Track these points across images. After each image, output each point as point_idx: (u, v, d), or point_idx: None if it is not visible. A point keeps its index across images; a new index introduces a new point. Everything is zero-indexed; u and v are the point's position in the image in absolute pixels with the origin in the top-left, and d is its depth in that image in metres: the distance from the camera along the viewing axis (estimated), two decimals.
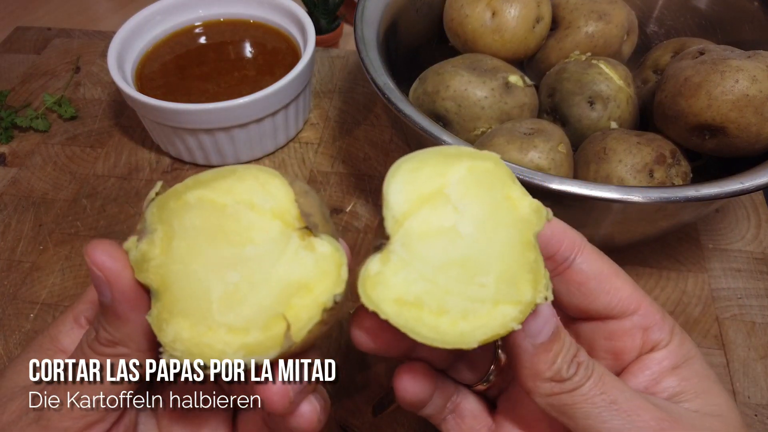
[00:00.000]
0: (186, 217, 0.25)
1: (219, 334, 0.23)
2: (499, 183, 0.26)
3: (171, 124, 0.53)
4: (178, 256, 0.24)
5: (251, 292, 0.24)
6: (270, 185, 0.25)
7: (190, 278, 0.24)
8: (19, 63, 0.71)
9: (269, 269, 0.24)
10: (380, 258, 0.25)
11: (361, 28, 0.49)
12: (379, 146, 0.61)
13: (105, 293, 0.23)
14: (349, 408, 0.42)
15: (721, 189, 0.37)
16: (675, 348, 0.29)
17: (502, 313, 0.24)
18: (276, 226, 0.25)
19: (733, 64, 0.41)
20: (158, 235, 0.24)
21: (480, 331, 0.24)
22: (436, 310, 0.24)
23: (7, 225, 0.54)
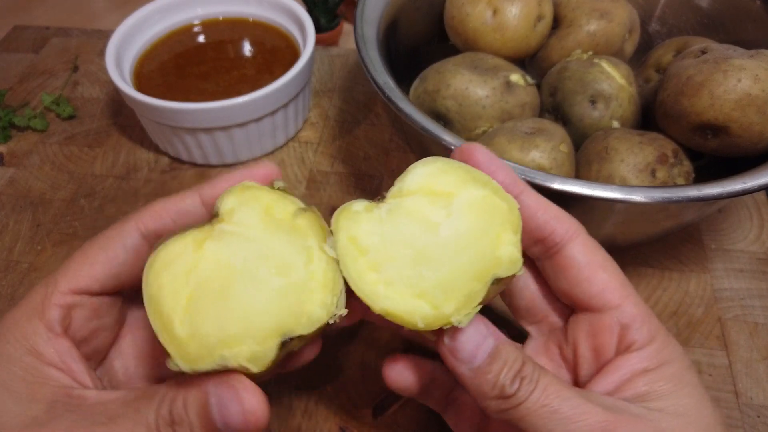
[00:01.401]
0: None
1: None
2: (500, 222, 0.28)
3: (169, 123, 0.53)
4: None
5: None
6: None
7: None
8: (17, 62, 0.70)
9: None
10: (366, 205, 0.29)
11: (361, 27, 0.49)
12: (379, 146, 0.60)
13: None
14: (349, 409, 0.42)
15: (724, 189, 0.37)
16: (652, 351, 0.29)
17: (418, 306, 0.26)
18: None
19: (736, 63, 0.41)
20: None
21: (388, 302, 0.26)
22: (372, 264, 0.27)
23: (5, 225, 0.54)
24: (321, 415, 0.41)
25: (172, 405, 0.26)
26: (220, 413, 0.25)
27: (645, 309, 0.30)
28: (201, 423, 0.25)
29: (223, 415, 0.25)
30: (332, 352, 0.45)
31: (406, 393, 0.34)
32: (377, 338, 0.45)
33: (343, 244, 0.28)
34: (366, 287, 0.27)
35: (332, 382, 0.43)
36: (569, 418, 0.26)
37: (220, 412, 0.25)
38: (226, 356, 0.25)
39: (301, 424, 0.41)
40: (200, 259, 0.26)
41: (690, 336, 0.46)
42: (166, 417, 0.26)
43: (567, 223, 0.30)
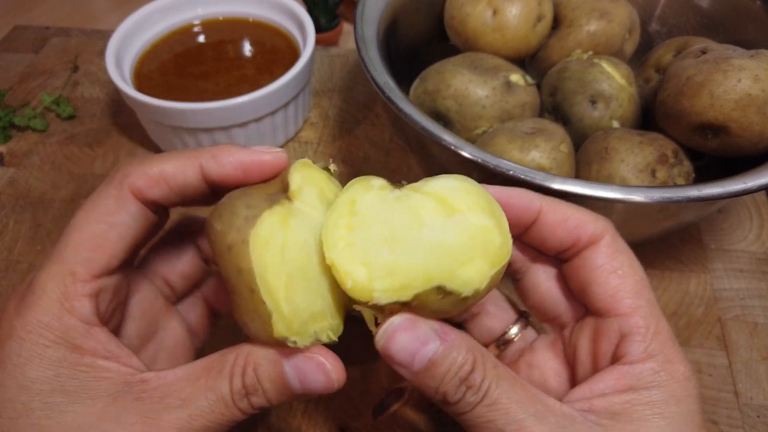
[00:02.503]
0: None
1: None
2: (483, 252, 0.28)
3: (169, 123, 0.53)
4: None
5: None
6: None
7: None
8: (17, 62, 0.70)
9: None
10: (382, 185, 0.30)
11: (361, 27, 0.49)
12: (379, 146, 0.60)
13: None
14: (348, 410, 0.42)
15: (724, 189, 0.37)
16: (644, 370, 0.27)
17: (357, 270, 0.27)
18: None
19: (736, 63, 0.41)
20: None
21: (338, 255, 0.27)
22: (350, 224, 0.28)
23: (5, 225, 0.54)
24: (321, 415, 0.41)
25: (244, 378, 0.26)
26: (300, 380, 0.27)
27: (654, 323, 0.28)
28: (277, 389, 0.27)
29: (304, 382, 0.27)
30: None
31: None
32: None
33: (341, 200, 0.28)
34: (331, 236, 0.27)
35: None
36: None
37: (301, 379, 0.27)
38: (316, 331, 0.28)
39: (301, 424, 0.41)
40: (288, 237, 0.27)
41: (690, 336, 0.46)
42: (241, 390, 0.26)
43: (591, 228, 0.30)
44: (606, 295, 0.29)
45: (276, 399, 0.27)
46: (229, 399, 0.26)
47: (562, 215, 0.30)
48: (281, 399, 0.27)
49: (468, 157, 0.38)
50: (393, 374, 0.43)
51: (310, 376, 0.27)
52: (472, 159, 0.38)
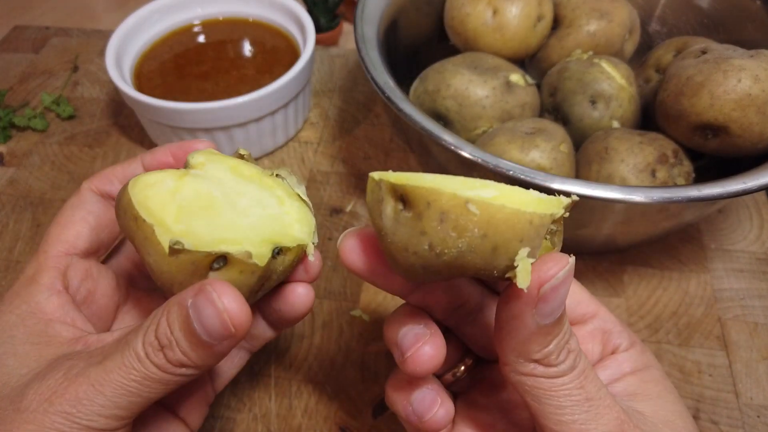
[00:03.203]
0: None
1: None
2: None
3: (169, 123, 0.53)
4: None
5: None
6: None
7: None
8: (17, 62, 0.70)
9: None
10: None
11: (361, 27, 0.49)
12: (379, 145, 0.60)
13: (223, 340, 0.25)
14: (348, 410, 0.42)
15: (724, 189, 0.37)
16: (636, 354, 0.31)
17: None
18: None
19: (736, 63, 0.41)
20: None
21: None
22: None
23: (5, 225, 0.54)
24: (321, 415, 0.41)
25: (157, 329, 0.25)
26: (198, 321, 0.24)
27: (616, 316, 0.32)
28: (186, 338, 0.25)
29: (201, 322, 0.24)
30: (332, 352, 0.45)
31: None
32: (377, 338, 0.45)
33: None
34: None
35: (332, 382, 0.43)
36: (596, 408, 0.25)
37: (198, 320, 0.24)
38: (225, 248, 0.26)
39: (301, 424, 0.41)
40: (182, 186, 0.28)
41: (690, 336, 0.46)
42: (154, 342, 0.25)
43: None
44: (573, 304, 0.32)
45: (191, 352, 0.25)
46: (141, 351, 0.25)
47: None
48: (196, 353, 0.25)
49: (468, 157, 0.38)
50: None
51: (203, 311, 0.24)
52: (472, 159, 0.38)
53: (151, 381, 0.25)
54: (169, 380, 0.25)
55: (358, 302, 0.48)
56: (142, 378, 0.25)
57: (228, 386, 0.42)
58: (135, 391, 0.25)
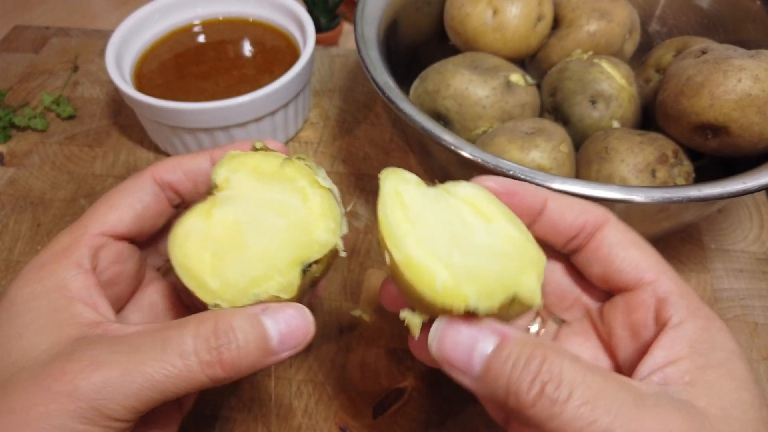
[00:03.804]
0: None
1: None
2: (529, 262, 0.28)
3: (169, 123, 0.53)
4: None
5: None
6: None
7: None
8: (17, 62, 0.70)
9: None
10: (417, 180, 0.29)
11: (362, 27, 0.49)
12: (380, 145, 0.60)
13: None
14: (348, 409, 0.42)
15: (724, 189, 0.37)
16: (693, 330, 0.26)
17: (441, 271, 0.26)
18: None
19: (736, 63, 0.41)
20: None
21: (414, 251, 0.27)
22: (409, 219, 0.28)
23: (5, 225, 0.54)
24: (321, 415, 0.41)
25: (215, 327, 0.26)
26: (281, 333, 0.27)
27: (684, 285, 0.28)
28: (255, 343, 0.27)
29: (284, 336, 0.27)
30: (332, 352, 0.45)
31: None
32: (377, 338, 0.45)
33: (387, 192, 0.28)
34: (397, 231, 0.27)
35: (332, 382, 0.43)
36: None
37: (281, 332, 0.27)
38: (257, 293, 0.28)
39: (301, 424, 0.41)
40: (211, 225, 0.30)
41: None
42: (210, 340, 0.26)
43: (595, 213, 0.30)
44: (631, 267, 0.29)
45: (250, 356, 0.27)
46: (190, 347, 0.26)
47: (567, 203, 0.30)
48: (256, 358, 0.27)
49: (468, 157, 0.38)
50: (393, 374, 0.43)
51: (291, 322, 0.28)
52: (472, 159, 0.38)
53: (182, 379, 0.26)
54: (200, 382, 0.26)
55: (358, 302, 0.48)
56: (177, 373, 0.26)
57: (228, 386, 0.43)
58: (161, 386, 0.25)
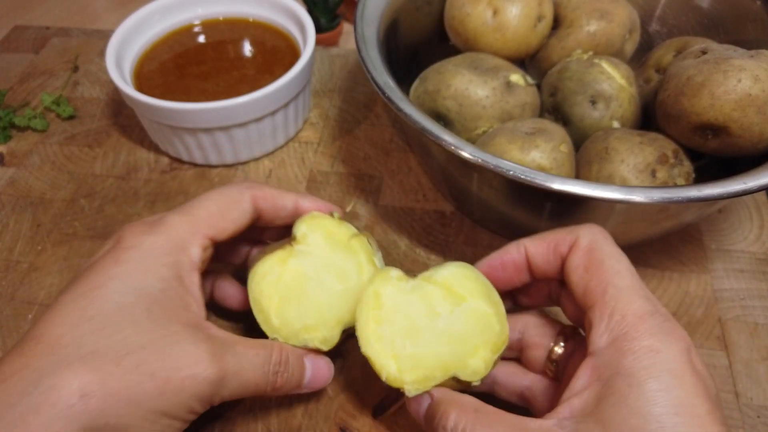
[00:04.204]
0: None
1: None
2: (486, 340, 0.34)
3: (169, 123, 0.53)
4: None
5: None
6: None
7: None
8: (17, 62, 0.70)
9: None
10: (399, 275, 0.37)
11: (362, 27, 0.49)
12: (380, 146, 0.60)
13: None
14: (348, 410, 0.42)
15: (724, 189, 0.37)
16: (606, 359, 0.28)
17: (389, 364, 0.35)
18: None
19: (736, 63, 0.41)
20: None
21: (371, 350, 0.35)
22: (378, 318, 0.35)
23: (5, 225, 0.54)
24: (321, 415, 0.41)
25: (280, 357, 0.35)
26: (312, 376, 0.37)
27: (621, 309, 0.29)
28: (296, 377, 0.36)
29: (312, 379, 0.37)
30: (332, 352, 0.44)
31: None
32: None
33: (368, 294, 0.36)
34: (363, 332, 0.35)
35: (332, 382, 0.43)
36: None
37: (312, 375, 0.37)
38: (306, 339, 0.37)
39: (301, 424, 0.41)
40: (284, 272, 0.37)
41: (690, 336, 0.45)
42: (278, 365, 0.35)
43: (568, 239, 0.33)
44: (580, 294, 0.31)
45: (294, 382, 0.36)
46: (271, 367, 0.34)
47: (543, 242, 0.34)
48: (293, 386, 0.36)
49: (468, 158, 0.38)
50: None
51: (321, 370, 0.37)
52: (472, 159, 0.38)
53: (252, 388, 0.33)
54: (255, 393, 0.34)
55: None
56: (255, 384, 0.33)
57: None
58: (242, 390, 0.33)
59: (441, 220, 0.53)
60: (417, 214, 0.54)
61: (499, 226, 0.51)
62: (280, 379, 0.35)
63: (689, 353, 0.28)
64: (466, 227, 0.53)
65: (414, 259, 0.50)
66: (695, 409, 0.26)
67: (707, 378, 0.28)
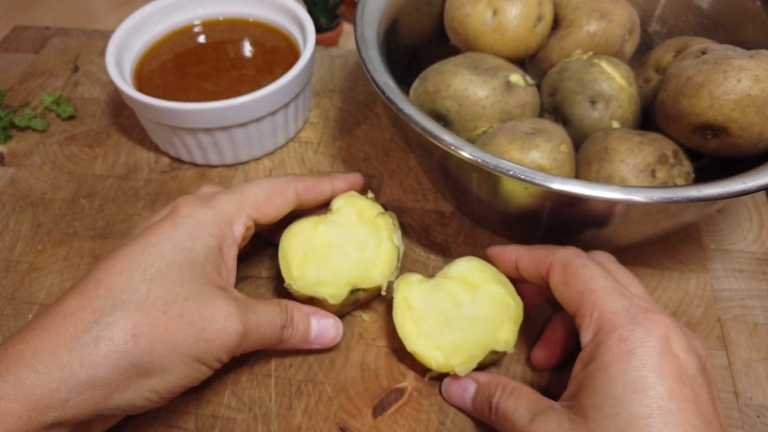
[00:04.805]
0: None
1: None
2: (507, 315, 0.40)
3: (170, 123, 0.53)
4: None
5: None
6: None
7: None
8: (18, 62, 0.70)
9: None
10: (420, 278, 0.43)
11: (362, 27, 0.49)
12: (379, 146, 0.60)
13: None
14: (348, 409, 0.42)
15: (724, 189, 0.37)
16: (588, 352, 0.33)
17: (435, 354, 0.41)
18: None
19: (736, 63, 0.41)
20: None
21: (417, 346, 0.40)
22: (413, 318, 0.41)
23: (5, 225, 0.54)
24: (321, 415, 0.41)
25: (287, 313, 0.40)
26: (318, 333, 0.42)
27: (598, 310, 0.33)
28: (301, 331, 0.41)
29: (319, 335, 0.42)
30: (332, 352, 0.45)
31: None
32: (377, 338, 0.45)
33: (398, 300, 0.41)
34: (404, 332, 0.40)
35: (332, 382, 0.43)
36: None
37: (319, 332, 0.42)
38: (317, 290, 0.41)
39: (301, 424, 0.41)
40: (314, 234, 0.43)
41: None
42: (285, 319, 0.40)
43: (548, 259, 0.38)
44: (566, 305, 0.36)
45: (299, 336, 0.41)
46: (278, 321, 0.39)
47: (529, 256, 0.40)
48: (300, 340, 0.41)
49: (468, 158, 0.38)
50: (393, 374, 0.43)
51: (327, 328, 0.43)
52: (472, 159, 0.38)
53: (266, 342, 0.39)
54: (266, 346, 0.40)
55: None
56: (270, 338, 0.39)
57: (228, 386, 0.43)
58: (259, 343, 0.39)
59: (441, 220, 0.53)
60: (417, 214, 0.54)
61: (499, 226, 0.51)
62: (287, 333, 0.40)
63: (665, 338, 0.31)
64: (466, 227, 0.53)
65: (414, 259, 0.50)
66: (655, 386, 0.29)
67: (685, 360, 0.31)
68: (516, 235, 0.50)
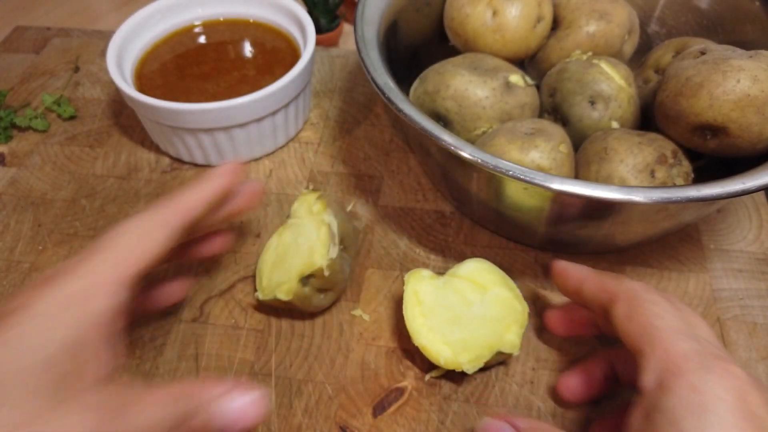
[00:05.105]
0: None
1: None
2: (513, 318, 0.41)
3: (170, 123, 0.53)
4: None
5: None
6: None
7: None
8: (18, 62, 0.70)
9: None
10: (431, 274, 0.44)
11: (362, 28, 0.49)
12: (380, 146, 0.60)
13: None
14: (348, 409, 0.42)
15: (723, 189, 0.37)
16: (650, 399, 0.29)
17: (443, 350, 0.41)
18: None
19: (735, 63, 0.41)
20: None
21: (426, 340, 0.41)
22: (423, 312, 0.42)
23: (6, 225, 0.54)
24: (321, 414, 0.41)
25: (184, 407, 0.29)
26: (232, 417, 0.31)
27: (663, 349, 0.30)
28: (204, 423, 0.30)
29: (233, 421, 0.31)
30: (332, 352, 0.45)
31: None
32: (377, 338, 0.45)
33: (408, 293, 0.42)
34: (414, 326, 0.40)
35: (332, 382, 0.43)
36: None
37: (232, 417, 0.31)
38: (276, 293, 0.42)
39: (301, 424, 0.41)
40: (279, 242, 0.45)
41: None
42: (187, 411, 0.29)
43: (609, 290, 0.36)
44: (628, 341, 0.33)
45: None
46: (171, 417, 0.28)
47: (595, 280, 0.37)
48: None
49: (468, 158, 0.39)
50: (393, 374, 0.43)
51: (244, 407, 0.31)
52: (471, 159, 0.38)
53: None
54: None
55: (358, 302, 0.48)
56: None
57: None
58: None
59: (441, 220, 0.54)
60: (417, 214, 0.54)
61: (498, 227, 0.51)
62: (195, 424, 0.30)
63: (740, 393, 0.27)
64: (465, 227, 0.53)
65: (414, 259, 0.50)
66: None
67: (764, 418, 0.27)
68: (515, 235, 0.50)
